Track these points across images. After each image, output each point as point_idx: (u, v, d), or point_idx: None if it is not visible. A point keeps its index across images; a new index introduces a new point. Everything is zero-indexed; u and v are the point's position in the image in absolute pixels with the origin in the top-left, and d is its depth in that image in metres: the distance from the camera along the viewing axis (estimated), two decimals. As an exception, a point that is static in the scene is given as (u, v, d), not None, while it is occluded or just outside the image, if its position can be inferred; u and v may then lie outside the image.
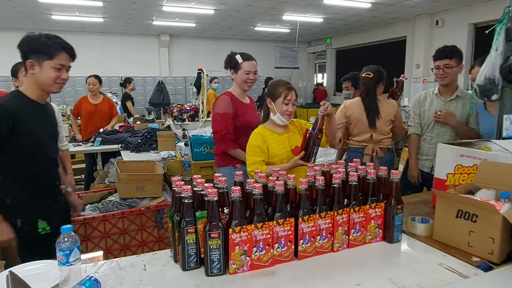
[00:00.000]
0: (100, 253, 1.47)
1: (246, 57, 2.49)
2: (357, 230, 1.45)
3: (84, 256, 1.33)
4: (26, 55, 1.68)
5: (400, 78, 6.35)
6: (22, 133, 1.67)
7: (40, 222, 1.76)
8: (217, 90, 6.76)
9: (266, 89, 2.30)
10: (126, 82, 6.78)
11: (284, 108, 1.97)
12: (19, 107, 1.68)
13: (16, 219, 1.71)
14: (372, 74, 2.77)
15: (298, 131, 2.13)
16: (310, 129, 1.89)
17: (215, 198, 1.21)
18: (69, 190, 2.13)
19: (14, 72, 2.71)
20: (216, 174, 1.40)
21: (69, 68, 1.76)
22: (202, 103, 5.93)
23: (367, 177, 1.47)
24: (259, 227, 1.24)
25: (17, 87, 2.54)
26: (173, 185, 1.33)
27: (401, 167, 4.09)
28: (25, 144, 1.70)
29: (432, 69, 2.63)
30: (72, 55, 1.74)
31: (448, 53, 2.49)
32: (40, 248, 1.64)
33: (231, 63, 2.50)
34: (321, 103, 1.93)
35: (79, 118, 4.82)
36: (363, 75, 2.83)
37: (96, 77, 4.62)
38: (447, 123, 2.54)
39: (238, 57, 2.47)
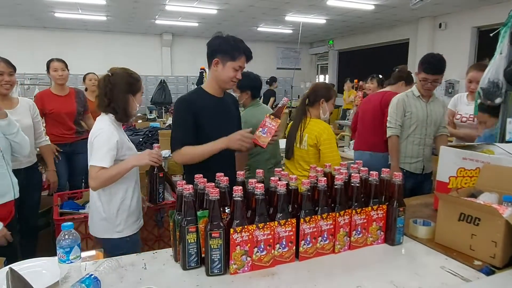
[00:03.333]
0: (100, 251, 1.47)
1: None
2: (358, 232, 1.44)
3: (84, 254, 1.32)
4: (213, 53, 1.86)
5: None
6: (201, 126, 1.86)
7: None
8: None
9: (313, 91, 2.47)
10: None
11: (331, 109, 2.43)
12: (199, 100, 1.89)
13: None
14: None
15: None
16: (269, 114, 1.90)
17: (217, 198, 1.21)
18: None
19: None
20: (217, 174, 1.39)
21: (242, 70, 1.95)
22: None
23: (369, 179, 1.46)
24: (260, 227, 1.24)
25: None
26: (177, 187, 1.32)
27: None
28: (205, 135, 1.85)
29: (411, 73, 2.72)
30: (248, 58, 1.93)
31: (441, 69, 2.56)
32: None
33: None
34: (284, 98, 2.00)
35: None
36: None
37: (94, 74, 4.58)
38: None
39: None
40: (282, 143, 2.84)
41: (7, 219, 1.90)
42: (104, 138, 1.77)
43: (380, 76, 4.47)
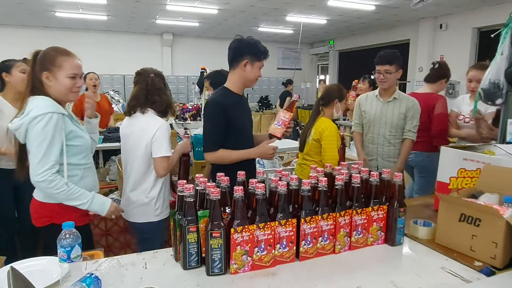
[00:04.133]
0: (100, 250, 1.47)
1: None
2: (359, 232, 1.44)
3: (84, 253, 1.32)
4: (242, 55, 2.01)
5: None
6: (232, 123, 2.00)
7: None
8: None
9: (327, 93, 2.78)
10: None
11: (343, 108, 2.76)
12: (228, 99, 2.04)
13: None
14: None
15: None
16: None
17: (218, 198, 1.21)
18: None
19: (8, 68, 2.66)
20: (218, 174, 1.40)
21: None
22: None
23: (370, 179, 1.46)
24: (261, 227, 1.24)
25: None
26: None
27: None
28: (235, 130, 2.03)
29: (373, 72, 2.74)
30: (267, 58, 2.10)
31: (389, 59, 2.61)
32: None
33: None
34: (295, 94, 2.22)
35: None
36: None
37: (95, 73, 4.58)
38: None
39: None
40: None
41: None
42: (165, 130, 2.04)
43: (372, 76, 4.46)
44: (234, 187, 1.24)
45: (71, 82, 1.67)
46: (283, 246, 1.30)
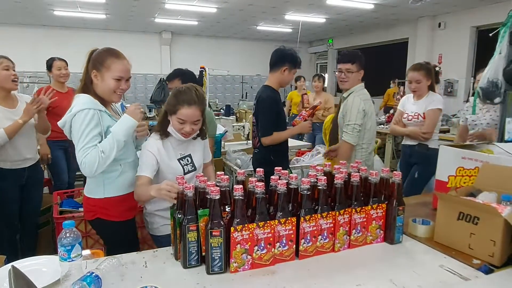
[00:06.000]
0: (101, 249, 1.47)
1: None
2: (358, 231, 1.45)
3: (85, 252, 1.33)
4: (284, 62, 2.55)
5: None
6: (279, 112, 2.68)
7: None
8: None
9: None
10: None
11: None
12: (278, 96, 2.65)
13: None
14: None
15: None
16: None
17: (217, 196, 1.21)
18: None
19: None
20: (218, 172, 1.40)
21: None
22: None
23: (369, 178, 1.47)
24: (260, 226, 1.24)
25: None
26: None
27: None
28: (282, 120, 2.70)
29: (334, 71, 2.74)
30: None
31: (351, 58, 2.55)
32: None
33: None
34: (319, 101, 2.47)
35: None
36: None
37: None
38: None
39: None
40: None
41: (135, 207, 1.91)
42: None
43: (323, 74, 4.56)
44: (234, 186, 1.24)
45: (116, 84, 1.72)
46: (283, 244, 1.31)
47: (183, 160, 1.84)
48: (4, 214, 2.56)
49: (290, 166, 2.87)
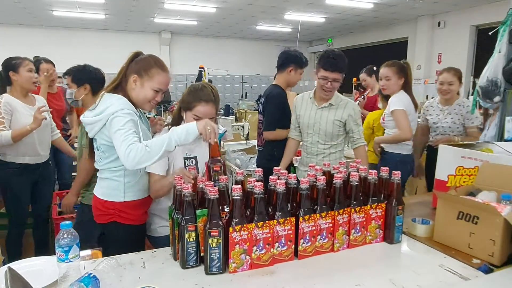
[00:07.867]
0: (99, 250, 1.47)
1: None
2: (357, 231, 1.44)
3: (83, 253, 1.32)
4: (289, 63, 2.73)
5: None
6: (288, 110, 2.71)
7: None
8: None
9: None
10: None
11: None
12: (285, 94, 2.78)
13: None
14: None
15: None
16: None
17: (216, 197, 1.21)
18: None
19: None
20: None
21: None
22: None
23: (368, 178, 1.47)
24: (259, 226, 1.24)
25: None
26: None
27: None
28: (288, 117, 2.64)
29: (315, 71, 2.33)
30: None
31: (341, 67, 2.22)
32: None
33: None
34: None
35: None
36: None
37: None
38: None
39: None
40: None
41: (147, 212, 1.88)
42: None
43: (375, 68, 4.35)
44: (233, 186, 1.24)
45: (153, 95, 1.68)
46: (282, 244, 1.30)
47: (187, 160, 1.83)
48: (15, 211, 2.62)
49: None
